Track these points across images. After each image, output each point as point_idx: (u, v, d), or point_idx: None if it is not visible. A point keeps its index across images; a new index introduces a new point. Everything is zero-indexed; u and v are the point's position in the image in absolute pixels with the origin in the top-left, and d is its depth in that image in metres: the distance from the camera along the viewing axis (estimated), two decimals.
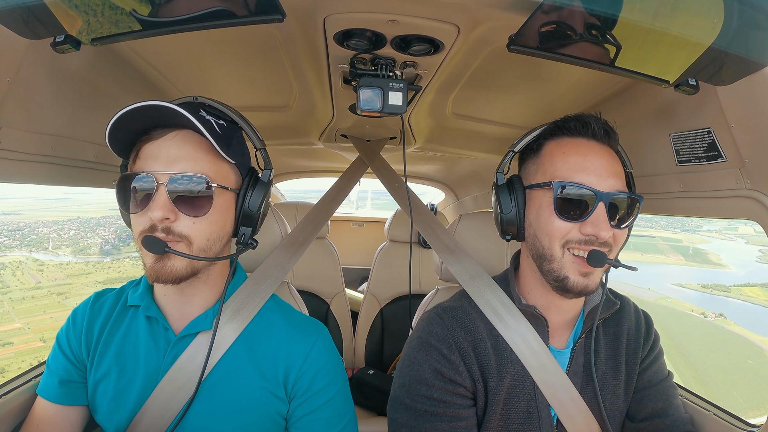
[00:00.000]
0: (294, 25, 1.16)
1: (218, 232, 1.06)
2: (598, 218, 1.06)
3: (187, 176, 0.98)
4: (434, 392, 1.14)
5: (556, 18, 0.88)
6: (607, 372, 1.23)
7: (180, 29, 0.91)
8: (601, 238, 1.06)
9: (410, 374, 1.18)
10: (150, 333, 1.12)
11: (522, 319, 1.21)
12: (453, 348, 1.16)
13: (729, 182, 1.17)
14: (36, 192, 62.86)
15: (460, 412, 1.14)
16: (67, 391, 1.15)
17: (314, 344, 1.13)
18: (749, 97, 1.03)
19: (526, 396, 1.17)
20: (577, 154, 1.12)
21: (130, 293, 1.17)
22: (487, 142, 2.39)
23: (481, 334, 1.20)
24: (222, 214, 1.06)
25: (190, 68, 1.55)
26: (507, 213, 1.19)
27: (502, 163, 1.26)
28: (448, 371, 1.14)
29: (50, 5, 0.83)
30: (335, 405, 1.13)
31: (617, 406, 1.23)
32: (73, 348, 1.17)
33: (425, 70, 1.37)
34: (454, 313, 1.25)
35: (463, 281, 1.35)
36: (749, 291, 39.38)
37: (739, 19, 0.84)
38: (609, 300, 1.24)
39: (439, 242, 1.55)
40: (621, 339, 1.27)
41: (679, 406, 1.25)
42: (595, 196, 1.06)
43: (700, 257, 48.99)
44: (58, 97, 1.22)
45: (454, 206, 4.17)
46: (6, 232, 42.43)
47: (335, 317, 3.04)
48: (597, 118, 1.15)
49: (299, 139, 2.47)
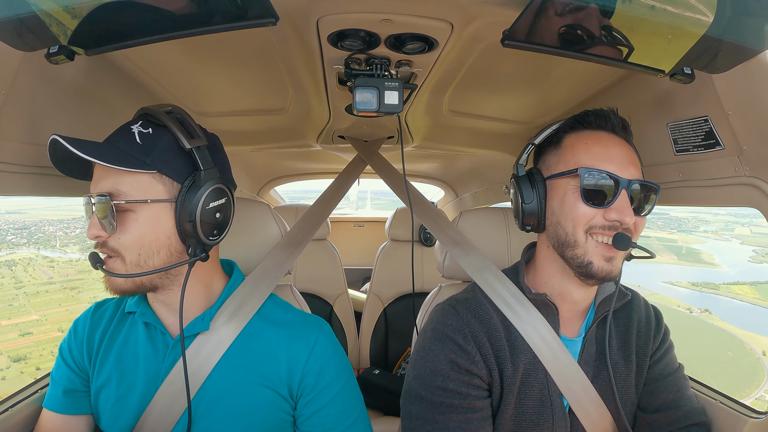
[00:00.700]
0: (287, 28, 1.16)
1: (150, 246, 1.03)
2: (622, 204, 1.10)
3: (97, 196, 1.00)
4: (450, 383, 1.14)
5: (549, 11, 0.88)
6: (618, 362, 1.24)
7: (173, 36, 0.91)
8: (625, 224, 1.09)
9: (426, 365, 1.18)
10: (148, 338, 1.13)
11: (533, 309, 1.22)
12: (469, 338, 1.17)
13: (728, 170, 1.17)
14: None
15: (476, 404, 1.15)
16: (72, 400, 1.16)
17: (317, 340, 1.14)
18: (745, 84, 1.03)
19: (539, 384, 1.18)
20: (599, 145, 1.15)
21: (129, 300, 1.18)
22: (484, 139, 2.39)
23: (495, 324, 1.22)
24: (150, 226, 1.03)
25: (185, 74, 1.55)
26: (529, 203, 1.21)
27: (522, 156, 1.28)
28: (464, 362, 1.15)
29: (43, 17, 0.83)
30: (344, 399, 1.13)
31: (628, 396, 1.24)
32: (75, 357, 1.18)
33: (420, 68, 1.37)
34: (468, 304, 1.26)
35: (473, 273, 1.35)
36: (738, 289, 40.13)
37: (733, 6, 0.83)
38: (621, 291, 1.25)
39: (445, 236, 1.55)
40: (631, 330, 1.28)
41: (691, 397, 1.26)
42: (618, 182, 1.10)
43: (693, 257, 49.85)
44: (55, 108, 1.22)
45: (453, 203, 4.16)
46: (13, 231, 43.03)
47: (339, 318, 3.04)
48: (615, 113, 1.19)
49: (296, 141, 2.46)
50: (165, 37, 0.91)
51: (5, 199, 46.48)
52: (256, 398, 1.09)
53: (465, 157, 3.06)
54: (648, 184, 1.14)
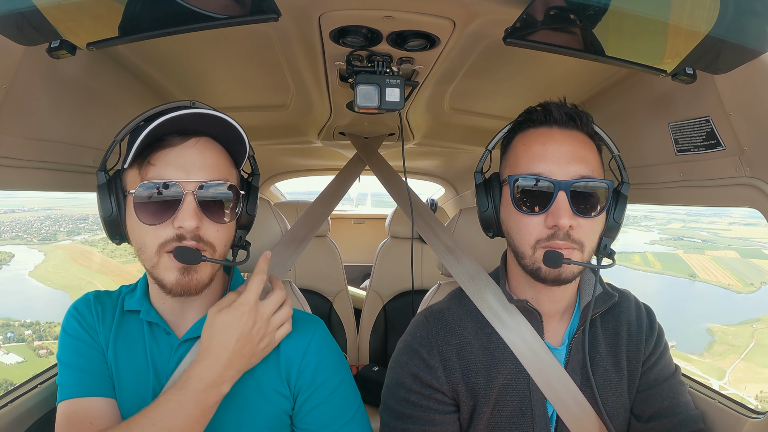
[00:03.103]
0: (289, 24, 1.15)
1: (230, 237, 1.07)
2: (557, 206, 1.03)
3: (216, 183, 0.99)
4: (411, 396, 1.16)
5: (551, 10, 0.88)
6: (608, 368, 1.19)
7: (175, 31, 0.91)
8: (562, 228, 1.03)
9: (393, 376, 1.21)
10: (153, 338, 1.11)
11: (519, 316, 1.20)
12: (434, 352, 1.17)
13: (729, 170, 1.17)
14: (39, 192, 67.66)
15: (435, 417, 1.15)
16: (98, 380, 1.08)
17: (312, 338, 1.13)
18: (747, 85, 1.03)
19: (519, 394, 1.15)
20: (537, 143, 1.10)
21: (127, 299, 1.15)
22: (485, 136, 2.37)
23: (468, 337, 1.20)
24: (233, 219, 1.07)
25: (187, 70, 1.55)
26: (483, 211, 1.19)
27: (479, 163, 1.26)
28: (425, 375, 1.15)
29: (44, 11, 0.83)
30: (341, 395, 1.13)
31: (621, 403, 1.19)
32: (89, 332, 1.11)
33: (422, 65, 1.37)
34: (441, 315, 1.25)
35: (463, 283, 1.34)
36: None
37: (736, 6, 0.83)
38: (606, 293, 1.21)
39: (439, 242, 1.55)
40: (621, 333, 1.22)
41: (687, 403, 1.20)
42: (553, 184, 1.04)
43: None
44: (56, 103, 1.22)
45: (454, 201, 4.16)
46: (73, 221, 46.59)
47: (338, 315, 3.04)
48: (560, 104, 1.12)
49: (298, 138, 2.47)
50: (166, 32, 0.91)
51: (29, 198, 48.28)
52: (255, 396, 1.08)
53: (465, 154, 3.06)
54: (592, 180, 1.06)
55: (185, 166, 0.98)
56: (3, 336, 27.02)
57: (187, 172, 0.97)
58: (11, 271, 37.34)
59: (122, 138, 1.07)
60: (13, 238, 43.46)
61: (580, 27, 0.92)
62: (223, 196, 1.01)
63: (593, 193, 1.07)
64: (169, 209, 0.96)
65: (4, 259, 38.55)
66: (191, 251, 0.96)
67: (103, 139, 1.45)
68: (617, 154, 1.17)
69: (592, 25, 0.91)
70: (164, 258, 0.97)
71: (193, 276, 0.98)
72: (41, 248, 40.97)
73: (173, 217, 0.96)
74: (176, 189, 0.96)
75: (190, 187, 0.96)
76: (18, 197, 46.23)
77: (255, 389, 1.09)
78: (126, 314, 1.14)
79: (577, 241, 1.05)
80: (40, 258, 38.80)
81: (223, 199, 1.01)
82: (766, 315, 35.12)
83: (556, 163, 1.05)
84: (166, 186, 0.96)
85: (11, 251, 39.94)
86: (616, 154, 1.17)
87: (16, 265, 37.82)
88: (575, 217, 1.04)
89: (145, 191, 0.96)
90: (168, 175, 0.96)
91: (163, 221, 0.96)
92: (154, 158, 0.98)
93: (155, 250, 0.98)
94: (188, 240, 0.96)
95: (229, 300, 1.00)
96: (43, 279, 35.97)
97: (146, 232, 0.98)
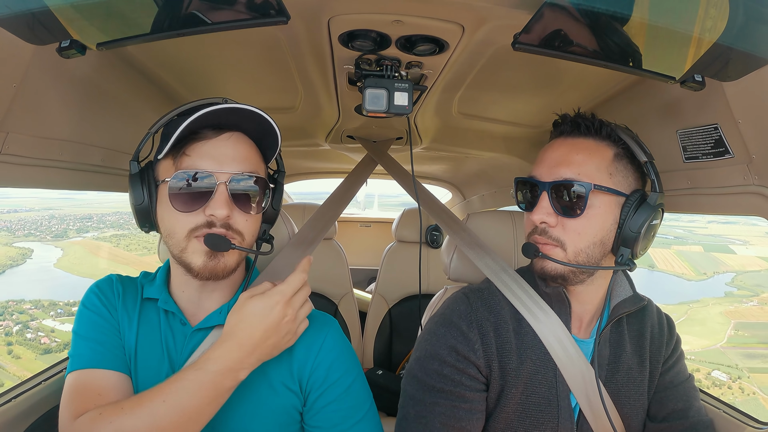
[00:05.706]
0: (299, 27, 1.16)
1: (257, 228, 1.13)
2: (540, 205, 1.15)
3: (247, 175, 1.04)
4: (445, 369, 1.16)
5: (561, 15, 0.88)
6: (632, 366, 1.24)
7: (185, 33, 0.92)
8: (537, 222, 1.15)
9: (427, 348, 1.21)
10: (168, 326, 1.13)
11: (548, 309, 1.22)
12: (473, 325, 1.19)
13: (737, 178, 1.16)
14: (41, 192, 68.35)
15: (465, 394, 1.16)
16: (112, 353, 1.08)
17: (326, 336, 1.15)
18: (756, 93, 1.03)
19: (547, 383, 1.18)
20: (544, 151, 1.23)
21: (146, 286, 1.17)
22: (493, 141, 2.38)
23: (505, 317, 1.23)
24: (260, 211, 1.11)
25: (195, 71, 1.56)
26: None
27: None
28: (463, 348, 1.17)
29: (55, 11, 0.84)
30: (353, 394, 1.13)
31: (641, 402, 1.23)
32: (109, 309, 1.12)
33: (430, 69, 1.37)
34: (481, 293, 1.28)
35: (491, 275, 1.34)
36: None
37: (745, 14, 0.83)
38: (636, 296, 1.26)
39: (460, 237, 1.54)
40: (645, 335, 1.28)
41: (700, 409, 1.25)
42: (537, 186, 1.17)
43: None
44: (65, 102, 1.23)
45: (461, 206, 4.16)
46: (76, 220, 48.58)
47: (343, 318, 3.04)
48: (565, 115, 1.22)
49: (306, 140, 2.47)
50: (176, 34, 0.92)
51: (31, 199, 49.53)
52: (267, 392, 1.09)
53: (473, 159, 3.05)
54: (568, 182, 1.11)
55: (219, 158, 1.03)
56: (54, 312, 29.96)
57: (220, 164, 1.02)
58: (36, 264, 38.97)
59: (156, 131, 1.12)
60: (27, 235, 45.07)
61: (588, 33, 0.92)
62: (253, 188, 1.06)
63: (573, 195, 1.12)
64: (201, 198, 1.01)
65: (26, 254, 40.24)
66: (221, 238, 1.00)
67: (111, 138, 1.46)
68: (644, 161, 1.13)
69: (601, 31, 0.91)
70: (193, 242, 1.02)
71: (219, 260, 1.03)
72: (56, 244, 42.53)
73: (206, 205, 1.01)
74: (210, 179, 1.01)
75: (223, 177, 1.01)
76: (14, 197, 48.18)
77: (263, 381, 1.09)
78: (145, 302, 1.16)
79: (555, 239, 1.14)
80: (59, 253, 40.42)
81: (253, 191, 1.06)
82: (707, 298, 38.15)
83: (546, 167, 1.17)
84: (201, 176, 1.01)
85: (29, 247, 41.56)
86: (644, 161, 1.14)
87: (38, 259, 39.47)
88: (555, 216, 1.14)
89: (180, 180, 1.01)
90: (202, 166, 1.02)
91: (196, 209, 1.01)
92: (189, 149, 1.03)
93: (185, 235, 1.02)
94: (218, 228, 1.01)
95: (264, 288, 1.02)
96: (69, 269, 37.84)
97: (177, 219, 1.03)
